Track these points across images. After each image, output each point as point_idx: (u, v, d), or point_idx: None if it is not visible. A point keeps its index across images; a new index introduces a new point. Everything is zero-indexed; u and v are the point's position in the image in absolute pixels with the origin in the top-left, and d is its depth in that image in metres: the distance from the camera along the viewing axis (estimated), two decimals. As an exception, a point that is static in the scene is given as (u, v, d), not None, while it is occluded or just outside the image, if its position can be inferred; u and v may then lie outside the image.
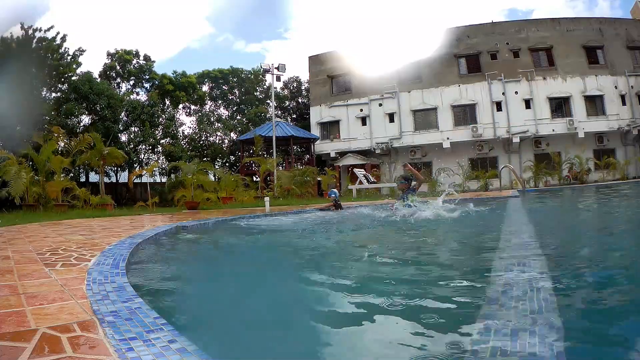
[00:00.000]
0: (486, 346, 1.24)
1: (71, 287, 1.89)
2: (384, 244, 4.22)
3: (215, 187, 14.98)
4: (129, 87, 31.54)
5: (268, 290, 2.36)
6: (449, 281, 2.25)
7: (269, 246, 4.58)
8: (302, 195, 16.37)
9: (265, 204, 8.88)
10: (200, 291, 2.36)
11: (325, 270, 2.72)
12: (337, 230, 5.58)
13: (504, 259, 2.54)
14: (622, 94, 24.22)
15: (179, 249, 4.16)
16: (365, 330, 1.60)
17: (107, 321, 1.39)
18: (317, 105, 29.64)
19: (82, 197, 12.04)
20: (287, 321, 1.80)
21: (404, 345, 1.41)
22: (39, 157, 11.49)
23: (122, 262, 2.51)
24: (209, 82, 35.94)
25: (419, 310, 1.70)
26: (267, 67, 21.83)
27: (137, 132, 28.29)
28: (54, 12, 42.94)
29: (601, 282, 2.08)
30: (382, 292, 2.01)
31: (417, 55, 26.66)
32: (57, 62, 24.34)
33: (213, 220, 6.53)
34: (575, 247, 3.37)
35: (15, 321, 1.40)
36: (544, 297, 1.63)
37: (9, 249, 3.21)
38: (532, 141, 24.67)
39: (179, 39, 78.89)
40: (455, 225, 5.30)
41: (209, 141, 32.72)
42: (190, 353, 1.14)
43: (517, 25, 26.21)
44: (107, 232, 4.64)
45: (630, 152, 23.88)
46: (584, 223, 5.58)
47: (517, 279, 1.94)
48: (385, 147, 27.10)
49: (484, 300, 1.69)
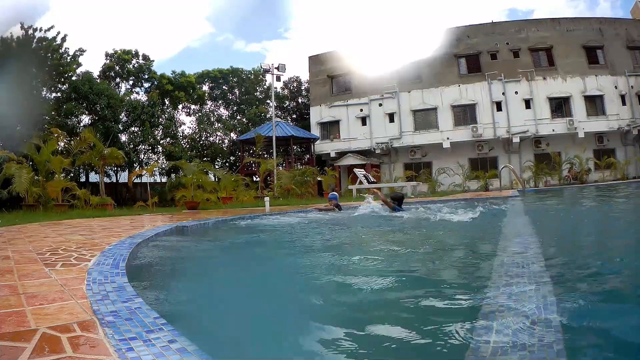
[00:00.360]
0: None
1: (71, 287, 1.89)
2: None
3: (215, 187, 14.98)
4: (128, 87, 31.55)
5: (267, 288, 2.36)
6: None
7: (269, 245, 4.58)
8: (302, 195, 16.37)
9: (265, 204, 8.88)
10: (200, 291, 2.36)
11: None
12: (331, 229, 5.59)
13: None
14: (622, 94, 24.21)
15: (178, 249, 4.16)
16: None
17: (107, 321, 1.39)
18: (317, 105, 29.63)
19: (82, 197, 12.04)
20: (284, 321, 1.80)
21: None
22: (39, 157, 11.49)
23: (122, 262, 2.51)
24: (209, 82, 35.95)
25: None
26: (267, 67, 21.83)
27: (137, 132, 28.29)
28: (54, 12, 42.93)
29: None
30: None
31: (417, 55, 26.66)
32: (57, 62, 24.33)
33: (213, 220, 6.53)
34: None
35: (15, 321, 1.40)
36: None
37: (9, 249, 3.21)
38: (532, 141, 24.65)
39: (179, 39, 78.87)
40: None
41: (209, 141, 32.73)
42: (190, 353, 1.13)
43: (517, 25, 26.21)
44: (107, 232, 4.64)
45: (630, 152, 23.87)
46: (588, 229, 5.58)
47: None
48: (385, 147, 27.10)
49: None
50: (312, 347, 1.48)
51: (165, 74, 32.48)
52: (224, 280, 2.70)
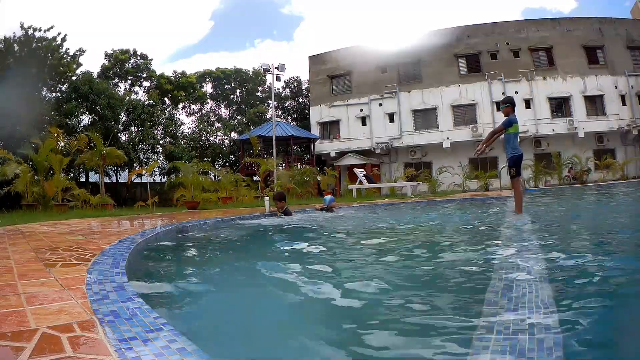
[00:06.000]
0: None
1: (71, 286, 1.89)
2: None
3: (215, 187, 14.99)
4: (127, 87, 31.56)
5: (266, 287, 2.36)
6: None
7: (268, 244, 4.58)
8: (302, 195, 16.37)
9: (265, 204, 8.87)
10: (200, 290, 2.36)
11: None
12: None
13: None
14: (622, 94, 24.22)
15: (178, 249, 4.16)
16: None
17: (107, 321, 1.39)
18: (317, 105, 29.63)
19: (81, 197, 12.04)
20: (280, 321, 1.80)
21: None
22: (39, 156, 11.49)
23: (122, 261, 2.51)
24: (210, 82, 35.97)
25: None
26: (267, 66, 21.83)
27: (137, 131, 28.29)
28: (55, 12, 42.90)
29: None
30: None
31: (417, 55, 26.68)
32: (57, 62, 24.34)
33: (213, 220, 6.53)
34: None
35: (15, 321, 1.40)
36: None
37: (9, 249, 3.21)
38: (532, 141, 24.65)
39: (179, 39, 78.95)
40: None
41: (209, 141, 32.73)
42: (190, 353, 1.13)
43: (517, 25, 26.21)
44: (107, 232, 4.64)
45: (630, 152, 23.88)
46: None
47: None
48: (385, 147, 27.10)
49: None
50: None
51: (165, 74, 32.53)
52: (223, 279, 2.70)
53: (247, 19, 79.55)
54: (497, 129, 6.23)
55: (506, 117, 6.03)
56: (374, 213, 8.92)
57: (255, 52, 70.72)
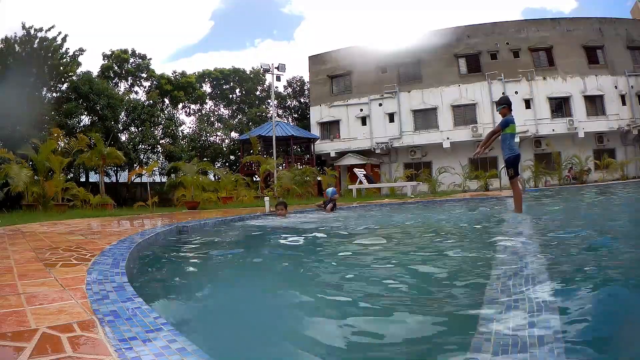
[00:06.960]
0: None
1: (71, 286, 1.89)
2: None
3: (215, 187, 15.00)
4: (127, 87, 31.55)
5: (266, 287, 2.36)
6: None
7: (267, 244, 4.58)
8: (302, 195, 16.37)
9: (265, 204, 8.87)
10: (200, 290, 2.36)
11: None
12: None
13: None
14: (622, 94, 24.21)
15: (178, 249, 4.16)
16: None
17: (107, 321, 1.39)
18: (317, 105, 29.63)
19: (81, 196, 12.04)
20: (279, 324, 1.80)
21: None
22: (38, 156, 11.49)
23: (122, 261, 2.51)
24: (210, 82, 35.95)
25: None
26: (267, 66, 21.84)
27: (136, 131, 28.28)
28: (55, 12, 42.89)
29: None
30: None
31: (417, 55, 26.67)
32: (58, 62, 24.33)
33: (213, 220, 6.53)
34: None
35: (15, 321, 1.40)
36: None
37: (9, 249, 3.21)
38: (532, 141, 24.65)
39: (179, 39, 78.94)
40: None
41: (209, 141, 32.72)
42: (190, 353, 1.13)
43: (517, 25, 26.21)
44: (107, 232, 4.64)
45: (630, 152, 23.87)
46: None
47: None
48: (385, 147, 27.09)
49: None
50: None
51: (165, 74, 32.51)
52: (223, 279, 2.70)
53: (247, 19, 79.62)
54: (495, 130, 6.26)
55: (503, 118, 6.05)
56: (371, 211, 8.93)
57: (256, 52, 70.81)
